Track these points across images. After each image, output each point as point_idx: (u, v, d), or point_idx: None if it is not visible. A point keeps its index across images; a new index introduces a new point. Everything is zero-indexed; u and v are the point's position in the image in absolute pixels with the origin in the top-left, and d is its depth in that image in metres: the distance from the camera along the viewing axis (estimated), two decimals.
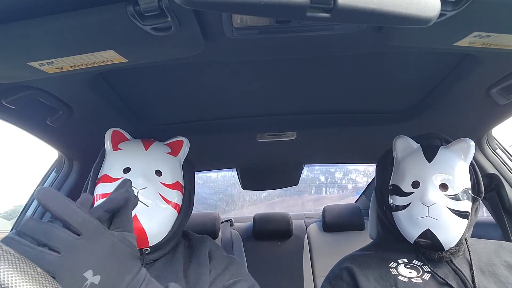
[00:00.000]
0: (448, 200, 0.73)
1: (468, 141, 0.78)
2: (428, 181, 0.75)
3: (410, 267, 0.75)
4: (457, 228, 0.72)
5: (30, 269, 0.30)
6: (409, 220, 0.75)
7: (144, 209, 0.67)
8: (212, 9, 0.34)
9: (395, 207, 0.79)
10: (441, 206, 0.72)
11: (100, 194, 0.70)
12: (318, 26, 0.52)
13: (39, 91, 0.68)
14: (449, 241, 0.72)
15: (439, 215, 0.71)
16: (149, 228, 0.67)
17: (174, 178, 0.76)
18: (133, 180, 0.69)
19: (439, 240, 0.71)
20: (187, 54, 0.57)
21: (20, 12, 0.43)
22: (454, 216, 0.72)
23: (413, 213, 0.74)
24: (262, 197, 3.62)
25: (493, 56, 0.62)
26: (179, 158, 0.82)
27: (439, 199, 0.72)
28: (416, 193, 0.76)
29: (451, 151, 0.79)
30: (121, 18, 0.43)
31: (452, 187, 0.74)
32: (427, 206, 0.72)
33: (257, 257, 1.74)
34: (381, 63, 0.72)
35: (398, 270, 0.75)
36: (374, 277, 0.74)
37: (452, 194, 0.74)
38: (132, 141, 0.82)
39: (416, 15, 0.35)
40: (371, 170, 2.42)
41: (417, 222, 0.73)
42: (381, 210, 0.86)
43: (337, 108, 0.95)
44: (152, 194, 0.70)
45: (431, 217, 0.72)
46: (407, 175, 0.79)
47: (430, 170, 0.76)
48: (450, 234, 0.72)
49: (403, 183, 0.79)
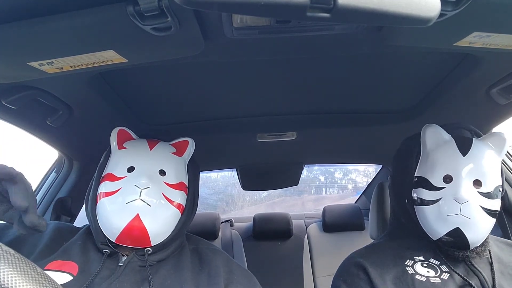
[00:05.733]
0: (481, 198, 0.69)
1: (502, 134, 0.73)
2: (462, 176, 0.70)
3: (427, 265, 0.72)
4: (487, 227, 0.69)
5: (30, 269, 0.30)
6: (438, 216, 0.71)
7: (147, 208, 0.67)
8: (212, 9, 0.34)
9: (419, 201, 0.74)
10: (474, 205, 0.68)
11: (103, 192, 0.70)
12: (318, 26, 0.52)
13: (39, 91, 0.68)
14: (477, 241, 0.69)
15: (471, 213, 0.67)
16: (151, 227, 0.67)
17: (178, 178, 0.76)
18: (137, 180, 0.69)
19: (468, 239, 0.68)
20: (187, 54, 0.57)
21: (20, 12, 0.43)
22: (485, 215, 0.68)
23: (443, 210, 0.70)
24: (262, 197, 3.62)
25: (493, 56, 0.62)
26: (184, 158, 0.82)
27: (472, 196, 0.68)
28: (448, 188, 0.71)
29: (485, 145, 0.74)
30: (121, 18, 0.43)
31: (486, 184, 0.70)
32: (460, 203, 0.68)
33: (257, 257, 1.74)
34: (381, 63, 0.72)
35: (415, 268, 0.71)
36: (390, 278, 0.70)
37: (485, 192, 0.69)
38: (137, 140, 0.82)
39: (416, 15, 0.35)
40: (371, 170, 2.42)
41: (447, 219, 0.69)
42: (399, 203, 0.81)
43: (337, 108, 0.95)
44: (155, 193, 0.70)
45: (463, 215, 0.68)
46: (438, 168, 0.73)
47: (464, 164, 0.71)
48: (479, 233, 0.69)
49: (432, 176, 0.73)
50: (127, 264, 0.67)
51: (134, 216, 0.66)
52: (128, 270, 0.66)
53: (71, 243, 0.71)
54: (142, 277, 0.66)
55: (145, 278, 0.66)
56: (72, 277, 0.63)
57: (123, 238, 0.67)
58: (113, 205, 0.68)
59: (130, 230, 0.66)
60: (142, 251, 0.69)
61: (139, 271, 0.67)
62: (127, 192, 0.68)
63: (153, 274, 0.67)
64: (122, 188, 0.69)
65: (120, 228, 0.66)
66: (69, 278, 0.63)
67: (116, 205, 0.67)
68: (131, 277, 0.66)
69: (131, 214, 0.66)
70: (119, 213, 0.67)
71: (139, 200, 0.67)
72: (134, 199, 0.67)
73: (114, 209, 0.67)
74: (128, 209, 0.66)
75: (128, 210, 0.66)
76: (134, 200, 0.67)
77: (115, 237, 0.67)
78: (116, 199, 0.68)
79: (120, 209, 0.67)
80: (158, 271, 0.69)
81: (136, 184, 0.69)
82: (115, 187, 0.70)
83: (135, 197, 0.67)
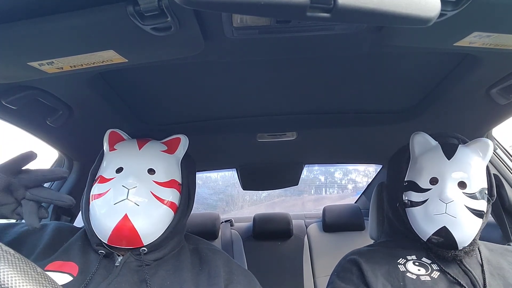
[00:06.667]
0: (466, 198, 0.72)
1: (487, 140, 0.77)
2: (447, 178, 0.73)
3: (419, 264, 0.74)
4: (473, 227, 0.71)
5: (30, 269, 0.30)
6: (425, 217, 0.74)
7: (135, 208, 0.67)
8: (212, 9, 0.34)
9: (409, 203, 0.78)
10: (459, 204, 0.71)
11: (94, 194, 0.71)
12: (318, 26, 0.52)
13: (39, 91, 0.68)
14: (464, 240, 0.71)
15: (456, 212, 0.70)
16: (141, 227, 0.67)
17: (168, 176, 0.75)
18: (124, 180, 0.69)
19: (455, 238, 0.70)
20: (187, 54, 0.57)
21: (20, 12, 0.43)
22: (471, 215, 0.71)
23: (430, 210, 0.73)
24: (262, 197, 3.62)
25: (493, 56, 0.62)
26: (176, 155, 0.80)
27: (457, 196, 0.71)
28: (434, 189, 0.74)
29: (470, 150, 0.78)
30: (121, 18, 0.43)
31: (470, 185, 0.73)
32: (445, 203, 0.71)
33: (257, 257, 1.74)
34: (381, 63, 0.72)
35: (406, 266, 0.74)
36: (382, 273, 0.73)
37: (470, 193, 0.73)
38: (128, 141, 0.81)
39: (416, 15, 0.35)
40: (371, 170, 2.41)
41: (434, 219, 0.72)
42: (392, 208, 0.85)
43: (337, 108, 0.95)
44: (143, 193, 0.69)
45: (448, 214, 0.70)
46: (425, 171, 0.78)
47: (449, 167, 0.75)
48: (466, 232, 0.71)
49: (420, 179, 0.78)
50: (124, 264, 0.67)
51: (122, 216, 0.66)
52: (125, 270, 0.66)
53: (71, 244, 0.71)
54: (140, 278, 0.66)
55: (143, 279, 0.65)
56: (72, 277, 0.63)
57: (114, 239, 0.67)
58: (103, 206, 0.68)
59: (119, 231, 0.66)
60: (138, 251, 0.69)
61: (136, 271, 0.67)
62: (115, 193, 0.68)
63: (152, 274, 0.67)
64: (111, 189, 0.69)
65: (110, 229, 0.66)
66: (69, 278, 0.63)
67: (105, 206, 0.67)
68: (129, 277, 0.65)
69: (120, 214, 0.66)
70: (108, 214, 0.66)
71: (127, 200, 0.67)
72: (122, 199, 0.67)
73: (103, 210, 0.67)
74: (116, 209, 0.66)
75: (116, 211, 0.66)
76: (122, 200, 0.67)
77: (106, 238, 0.67)
78: (105, 201, 0.68)
79: (109, 210, 0.67)
80: (157, 272, 0.68)
81: (123, 184, 0.68)
82: (104, 188, 0.70)
83: (123, 197, 0.67)
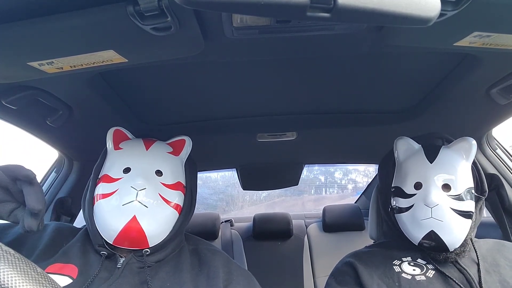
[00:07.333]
0: (451, 201, 0.72)
1: (470, 140, 0.77)
2: (431, 182, 0.74)
3: (414, 264, 0.75)
4: (461, 228, 0.72)
5: (30, 269, 0.30)
6: (413, 222, 0.75)
7: (144, 210, 0.67)
8: (212, 9, 0.34)
9: (398, 209, 0.79)
10: (445, 207, 0.71)
11: (100, 194, 0.70)
12: (318, 26, 0.52)
13: (39, 91, 0.68)
14: (454, 242, 0.71)
15: (442, 216, 0.71)
16: (148, 229, 0.67)
17: (175, 178, 0.75)
18: (133, 181, 0.69)
19: (444, 241, 0.71)
20: (187, 54, 0.57)
21: (20, 12, 0.43)
22: (458, 217, 0.71)
23: (416, 215, 0.74)
24: (262, 197, 3.62)
25: (493, 56, 0.62)
26: (181, 157, 0.81)
27: (442, 200, 0.72)
28: (419, 194, 0.75)
29: (452, 151, 0.78)
30: (121, 18, 0.43)
31: (455, 187, 0.73)
32: (430, 207, 0.72)
33: (257, 257, 1.74)
34: (381, 63, 0.72)
35: (401, 267, 0.74)
36: (377, 274, 0.73)
37: (455, 195, 0.73)
38: (133, 140, 0.81)
39: (416, 15, 0.35)
40: (371, 170, 2.42)
41: (421, 224, 0.73)
42: (385, 211, 0.86)
43: (337, 108, 0.95)
44: (151, 194, 0.69)
45: (434, 218, 0.71)
46: (409, 177, 0.78)
47: (432, 170, 0.75)
48: (455, 234, 0.71)
49: (405, 185, 0.78)
50: (125, 265, 0.67)
51: (131, 218, 0.66)
52: (126, 272, 0.66)
53: (71, 245, 0.70)
54: (141, 279, 0.66)
55: (144, 280, 0.65)
56: (72, 280, 0.63)
57: (120, 240, 0.67)
58: (110, 207, 0.67)
59: (127, 232, 0.66)
60: (140, 252, 0.69)
61: (137, 273, 0.67)
62: (123, 193, 0.68)
63: (152, 276, 0.67)
64: (119, 189, 0.69)
65: (118, 230, 0.66)
66: (69, 281, 0.62)
67: (112, 207, 0.67)
68: (130, 279, 0.65)
69: (128, 215, 0.66)
70: (116, 215, 0.66)
71: (136, 202, 0.67)
72: (131, 201, 0.67)
73: (111, 211, 0.67)
74: (125, 210, 0.66)
75: (125, 212, 0.66)
76: (131, 201, 0.67)
77: (112, 239, 0.67)
78: (113, 201, 0.68)
79: (117, 211, 0.66)
80: (157, 274, 0.68)
81: (132, 185, 0.68)
82: (112, 188, 0.69)
83: (132, 198, 0.67)
